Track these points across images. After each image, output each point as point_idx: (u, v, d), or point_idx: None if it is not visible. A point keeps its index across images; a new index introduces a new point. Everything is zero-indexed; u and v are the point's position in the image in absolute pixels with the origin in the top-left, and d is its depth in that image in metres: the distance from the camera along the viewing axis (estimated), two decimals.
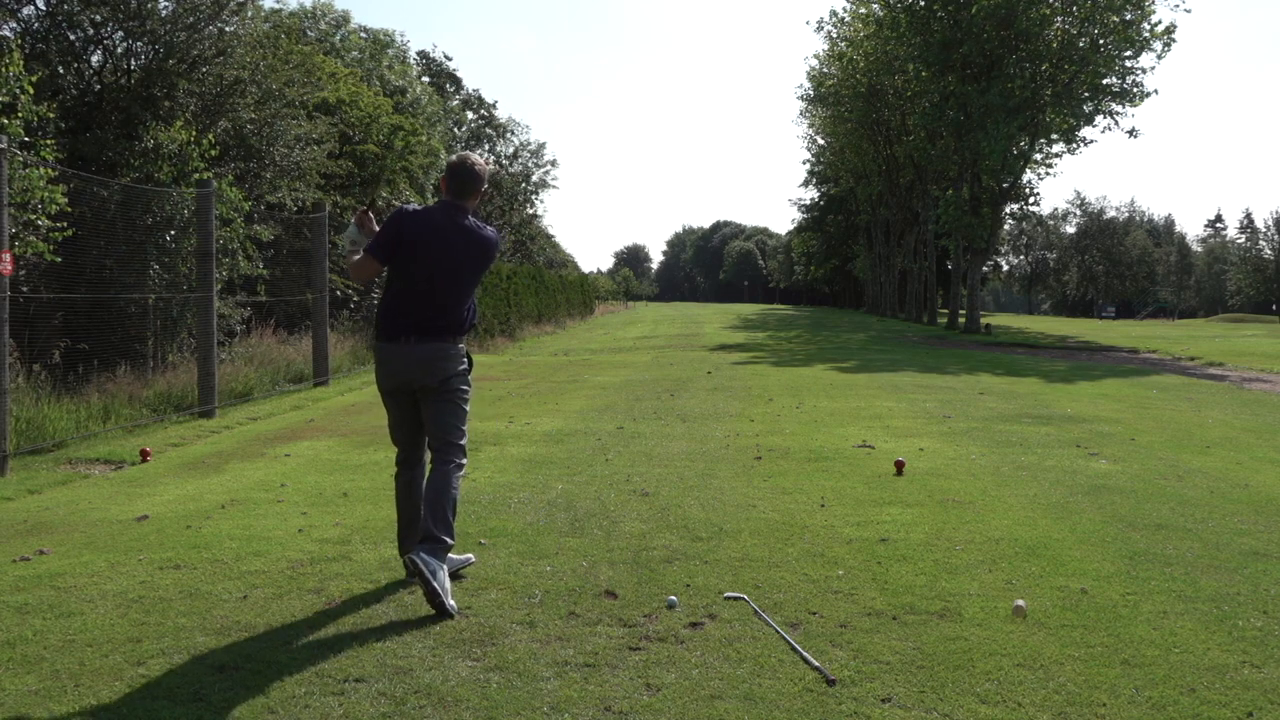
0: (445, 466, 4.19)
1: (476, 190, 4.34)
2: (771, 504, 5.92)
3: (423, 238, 4.21)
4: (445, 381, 4.25)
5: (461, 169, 4.32)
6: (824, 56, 49.44)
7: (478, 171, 4.33)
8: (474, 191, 4.33)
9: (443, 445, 4.24)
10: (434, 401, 4.25)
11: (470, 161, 4.35)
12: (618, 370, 16.34)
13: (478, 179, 4.33)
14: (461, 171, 4.31)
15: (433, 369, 4.23)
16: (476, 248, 4.31)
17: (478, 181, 4.33)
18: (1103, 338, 31.22)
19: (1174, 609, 4.02)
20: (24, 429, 8.15)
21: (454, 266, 4.25)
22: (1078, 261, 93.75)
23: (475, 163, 4.36)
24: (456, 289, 4.27)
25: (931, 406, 11.02)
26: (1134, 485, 6.54)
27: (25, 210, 8.84)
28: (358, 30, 33.89)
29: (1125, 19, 31.00)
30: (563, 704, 3.12)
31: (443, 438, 4.24)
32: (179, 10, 14.11)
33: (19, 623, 3.85)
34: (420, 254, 4.21)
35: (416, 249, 4.21)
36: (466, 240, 4.28)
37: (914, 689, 3.24)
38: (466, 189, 4.31)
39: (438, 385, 4.24)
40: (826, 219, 73.04)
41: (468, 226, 4.29)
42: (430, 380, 4.23)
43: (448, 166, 4.38)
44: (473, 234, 4.30)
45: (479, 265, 4.34)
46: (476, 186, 4.33)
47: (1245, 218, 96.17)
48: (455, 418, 4.28)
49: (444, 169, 4.43)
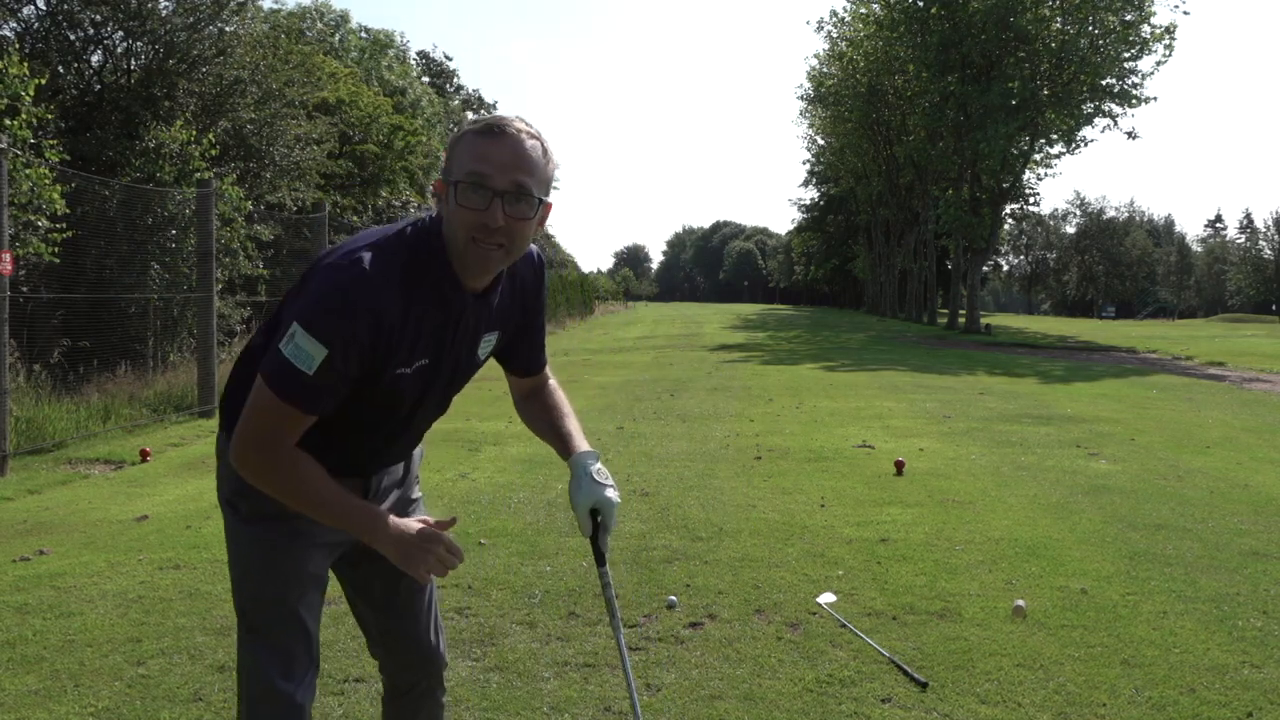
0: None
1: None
2: (771, 504, 5.91)
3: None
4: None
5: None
6: (824, 56, 49.49)
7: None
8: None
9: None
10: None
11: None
12: (618, 370, 16.34)
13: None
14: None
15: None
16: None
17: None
18: (1102, 338, 31.20)
19: (1174, 609, 4.02)
20: (24, 429, 8.14)
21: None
22: (1078, 261, 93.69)
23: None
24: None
25: (931, 406, 11.01)
26: (1134, 485, 6.54)
27: (25, 211, 8.84)
28: (357, 30, 33.91)
29: (1125, 19, 31.00)
30: (563, 704, 3.12)
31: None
32: (179, 10, 14.12)
33: (19, 623, 3.85)
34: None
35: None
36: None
37: (914, 689, 3.24)
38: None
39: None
40: (826, 219, 73.04)
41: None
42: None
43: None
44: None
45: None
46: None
47: (1245, 218, 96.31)
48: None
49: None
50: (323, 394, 1.78)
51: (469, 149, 1.77)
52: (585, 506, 2.07)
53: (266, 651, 2.01)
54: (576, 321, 39.56)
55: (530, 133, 1.79)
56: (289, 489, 1.84)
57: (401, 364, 1.84)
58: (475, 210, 1.75)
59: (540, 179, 1.80)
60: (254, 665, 2.03)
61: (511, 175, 1.75)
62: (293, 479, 1.84)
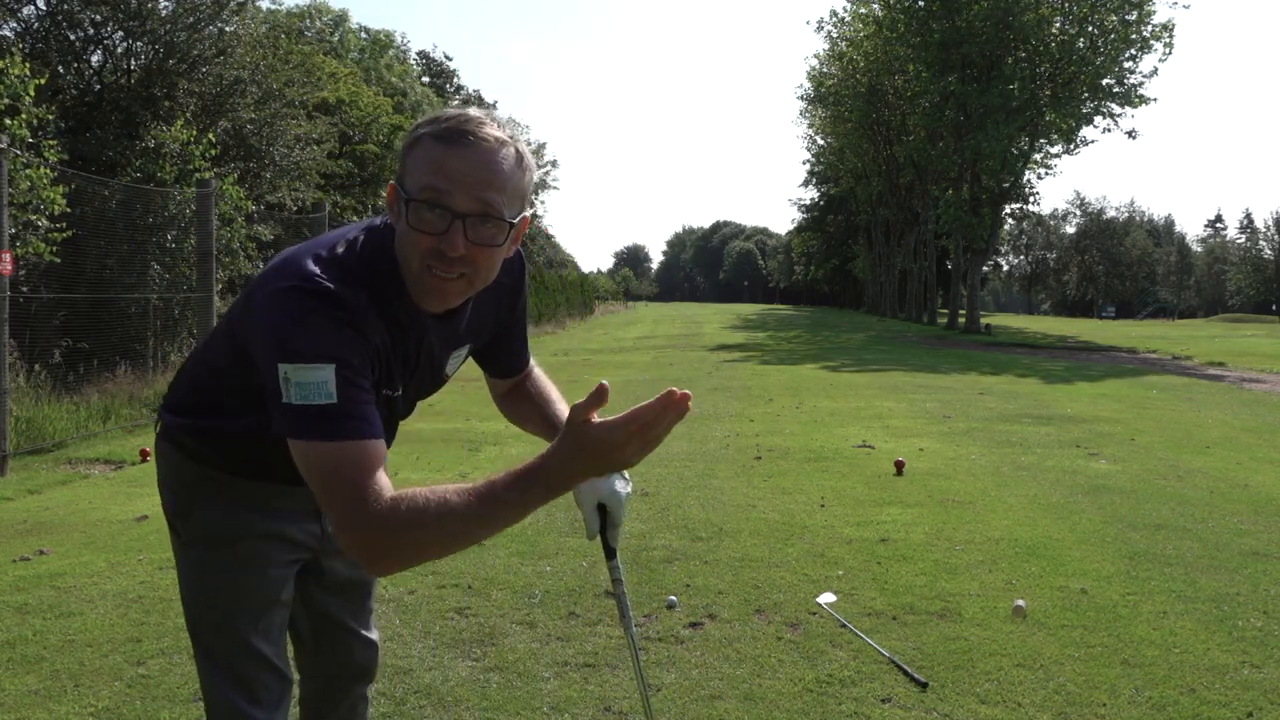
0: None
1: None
2: (771, 504, 5.91)
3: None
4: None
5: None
6: (824, 56, 49.51)
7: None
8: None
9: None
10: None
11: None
12: (618, 370, 16.33)
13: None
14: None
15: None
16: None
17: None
18: (1102, 338, 31.20)
19: (1174, 609, 4.02)
20: (24, 429, 8.14)
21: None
22: (1078, 261, 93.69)
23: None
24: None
25: (931, 406, 11.01)
26: (1134, 485, 6.54)
27: (25, 210, 8.84)
28: (357, 30, 33.90)
29: (1124, 19, 31.01)
30: (563, 704, 3.12)
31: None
32: (179, 10, 14.13)
33: (19, 623, 3.85)
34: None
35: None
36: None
37: (914, 689, 3.24)
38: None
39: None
40: (826, 219, 73.04)
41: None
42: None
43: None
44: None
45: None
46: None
47: (1245, 218, 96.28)
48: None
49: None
50: (364, 406, 1.45)
51: (426, 158, 1.45)
52: (591, 503, 1.82)
53: (227, 679, 1.79)
54: (576, 321, 39.55)
55: (501, 138, 1.47)
56: (432, 536, 1.38)
57: (385, 386, 1.60)
58: (430, 234, 1.44)
59: (513, 195, 1.48)
60: (216, 694, 1.80)
61: (477, 193, 1.43)
62: (430, 523, 1.36)
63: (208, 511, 1.78)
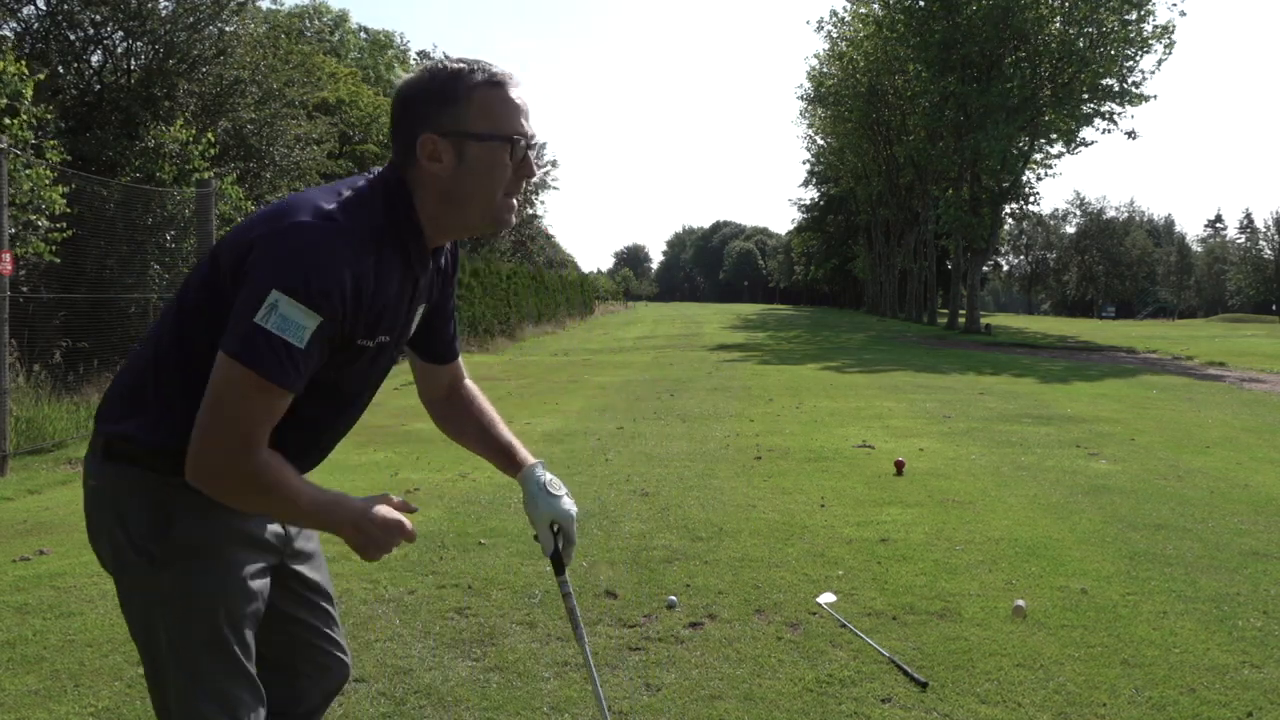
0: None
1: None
2: (771, 504, 5.91)
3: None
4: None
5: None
6: (824, 56, 49.55)
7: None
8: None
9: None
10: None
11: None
12: (618, 370, 16.33)
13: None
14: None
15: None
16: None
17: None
18: (1102, 338, 31.21)
19: (1174, 609, 4.02)
20: (24, 429, 8.14)
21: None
22: (1078, 261, 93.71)
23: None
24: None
25: (931, 406, 11.01)
26: (1134, 485, 6.54)
27: (25, 211, 8.84)
28: (357, 30, 33.91)
29: (1124, 19, 31.02)
30: (563, 704, 3.12)
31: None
32: (179, 10, 14.13)
33: (19, 623, 3.85)
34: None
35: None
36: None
37: (914, 689, 3.24)
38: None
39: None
40: (826, 219, 73.05)
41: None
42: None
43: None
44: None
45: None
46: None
47: (1245, 218, 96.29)
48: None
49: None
50: (307, 372, 1.54)
51: (492, 103, 1.64)
52: (545, 521, 1.97)
53: (215, 704, 1.70)
54: (576, 321, 39.55)
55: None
56: (274, 495, 1.56)
57: (364, 336, 1.62)
58: (519, 165, 1.67)
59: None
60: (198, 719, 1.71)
61: (532, 124, 1.70)
62: (279, 479, 1.56)
63: (186, 521, 1.66)
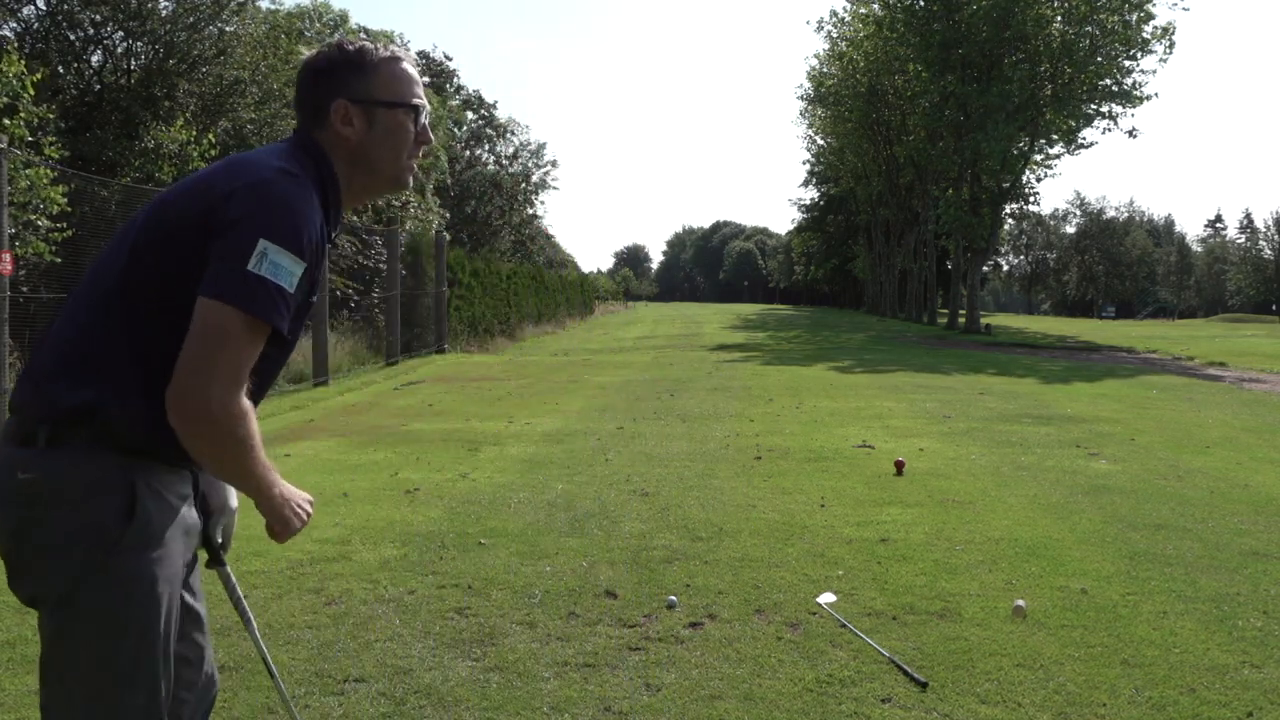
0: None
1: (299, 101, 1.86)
2: (771, 504, 5.91)
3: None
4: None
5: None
6: (824, 56, 49.47)
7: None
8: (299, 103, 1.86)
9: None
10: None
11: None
12: (618, 370, 16.33)
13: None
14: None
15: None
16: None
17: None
18: (1102, 338, 31.20)
19: (1174, 609, 4.02)
20: None
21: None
22: (1078, 261, 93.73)
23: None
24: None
25: (931, 406, 11.01)
26: (1134, 485, 6.54)
27: (25, 210, 8.85)
28: (357, 31, 33.90)
29: (1124, 19, 31.02)
30: (563, 704, 3.12)
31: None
32: (179, 10, 14.14)
33: (19, 623, 3.85)
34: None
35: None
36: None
37: (914, 689, 3.24)
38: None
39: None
40: (826, 219, 73.04)
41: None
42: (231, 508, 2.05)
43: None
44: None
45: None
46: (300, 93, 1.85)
47: (1245, 218, 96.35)
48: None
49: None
50: (289, 316, 1.60)
51: (398, 75, 1.81)
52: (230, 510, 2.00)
53: (154, 704, 1.65)
54: (576, 321, 39.56)
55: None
56: (245, 444, 1.57)
57: (318, 283, 1.72)
58: (419, 132, 1.83)
59: None
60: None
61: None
62: (252, 428, 1.59)
63: (147, 503, 1.59)
